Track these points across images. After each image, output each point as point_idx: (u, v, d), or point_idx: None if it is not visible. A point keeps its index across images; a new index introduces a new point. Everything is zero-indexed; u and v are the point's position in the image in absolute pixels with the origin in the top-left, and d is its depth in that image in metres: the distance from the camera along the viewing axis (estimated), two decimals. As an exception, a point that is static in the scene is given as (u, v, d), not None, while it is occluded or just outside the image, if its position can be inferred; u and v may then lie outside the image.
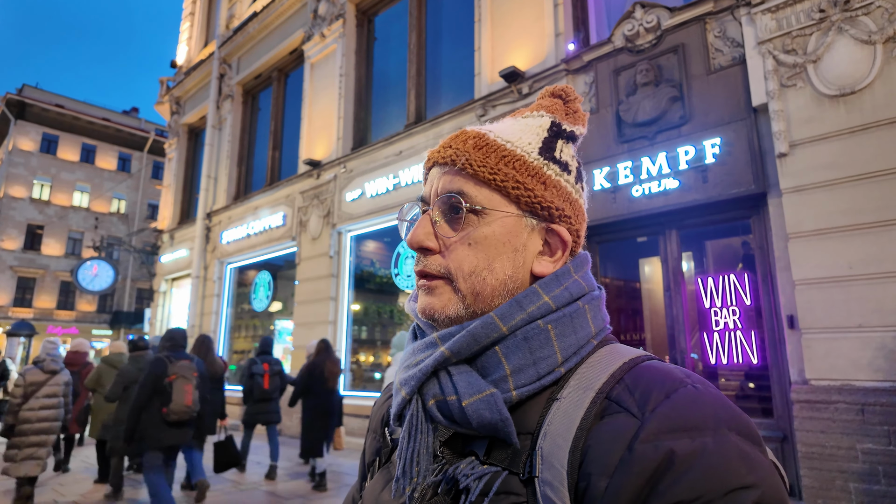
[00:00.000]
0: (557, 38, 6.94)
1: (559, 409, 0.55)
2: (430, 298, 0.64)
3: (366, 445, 0.80)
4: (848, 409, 4.29)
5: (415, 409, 0.60)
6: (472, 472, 0.55)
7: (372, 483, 0.70)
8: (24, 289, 29.03)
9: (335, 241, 9.51)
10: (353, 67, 10.21)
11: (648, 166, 5.71)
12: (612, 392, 0.54)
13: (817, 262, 4.61)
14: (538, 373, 0.58)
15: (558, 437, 0.53)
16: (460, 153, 0.65)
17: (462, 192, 0.63)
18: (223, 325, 12.31)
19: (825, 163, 4.68)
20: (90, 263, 16.13)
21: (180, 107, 15.62)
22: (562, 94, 0.72)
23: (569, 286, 0.64)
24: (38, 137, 30.27)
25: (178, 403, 4.26)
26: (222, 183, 12.88)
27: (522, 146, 0.66)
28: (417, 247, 0.64)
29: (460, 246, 0.63)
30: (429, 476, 0.58)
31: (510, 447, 0.56)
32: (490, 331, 0.59)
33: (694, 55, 5.66)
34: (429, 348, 0.62)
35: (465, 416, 0.56)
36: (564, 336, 0.60)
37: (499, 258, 0.63)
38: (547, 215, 0.65)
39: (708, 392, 0.53)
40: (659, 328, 6.25)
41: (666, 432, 0.49)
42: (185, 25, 16.43)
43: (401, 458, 0.59)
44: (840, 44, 4.73)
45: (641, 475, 0.47)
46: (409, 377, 0.61)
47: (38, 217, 29.75)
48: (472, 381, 0.58)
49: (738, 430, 0.50)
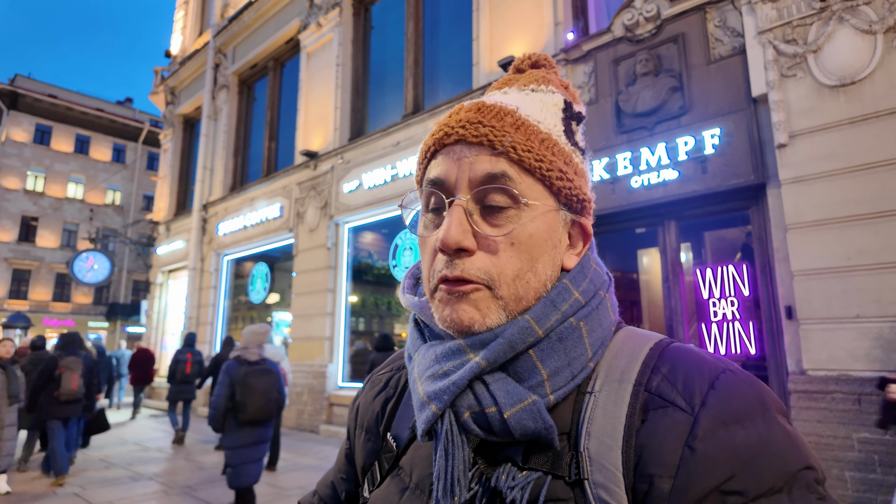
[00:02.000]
0: (556, 28, 6.89)
1: (596, 405, 0.53)
2: (467, 308, 0.55)
3: (353, 442, 0.75)
4: (845, 399, 4.32)
5: (448, 424, 0.54)
6: (515, 481, 0.51)
7: (382, 492, 0.64)
8: (19, 281, 28.89)
9: (333, 233, 9.48)
10: (349, 57, 10.12)
11: (648, 157, 5.70)
12: (651, 384, 0.53)
13: (816, 253, 4.62)
14: (572, 373, 0.55)
15: (605, 436, 0.51)
16: (498, 133, 0.56)
17: (507, 181, 0.55)
18: (220, 317, 12.29)
19: (825, 153, 4.67)
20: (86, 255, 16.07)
21: (175, 97, 15.49)
22: (545, 62, 0.68)
23: (592, 278, 0.60)
24: (31, 128, 29.99)
25: (66, 388, 5.87)
26: (218, 174, 12.81)
27: (550, 128, 0.60)
28: (455, 248, 0.55)
29: (504, 247, 0.55)
30: (465, 491, 0.54)
31: (550, 449, 0.52)
32: (527, 335, 0.54)
33: (694, 45, 5.63)
34: (456, 356, 0.56)
35: (506, 428, 0.52)
36: (593, 331, 0.57)
37: (542, 258, 0.57)
38: (580, 208, 0.61)
39: (743, 375, 0.53)
40: (657, 319, 6.26)
41: (721, 426, 0.48)
42: (179, 14, 16.25)
43: (439, 478, 0.54)
44: (841, 33, 4.71)
45: (709, 475, 0.46)
46: (440, 391, 0.54)
47: (33, 209, 29.54)
48: (510, 390, 0.53)
49: (778, 408, 0.51)
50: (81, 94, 34.01)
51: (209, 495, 5.43)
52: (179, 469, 6.64)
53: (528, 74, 0.66)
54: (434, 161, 0.60)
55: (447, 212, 0.56)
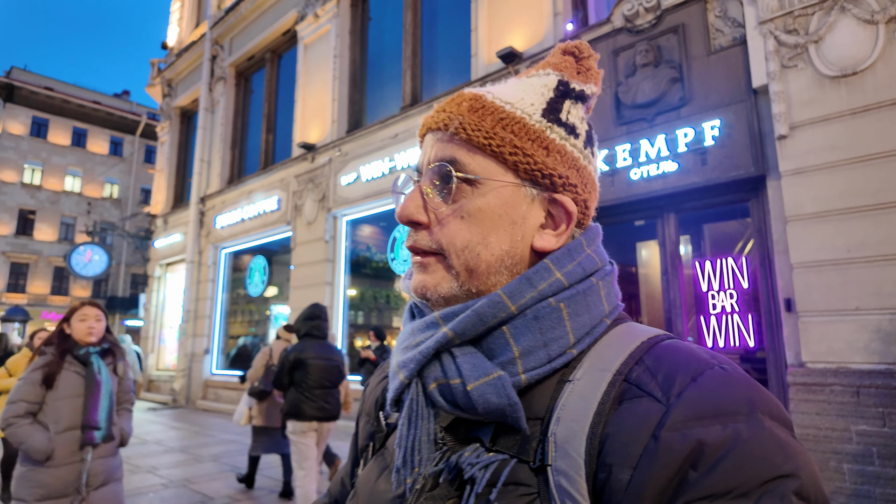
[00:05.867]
0: (556, 18, 6.83)
1: (573, 392, 0.51)
2: (423, 276, 0.60)
3: (358, 428, 0.76)
4: (843, 392, 4.31)
5: (414, 394, 0.55)
6: (478, 460, 0.50)
7: (366, 471, 0.66)
8: (17, 274, 28.83)
9: (331, 226, 9.44)
10: (347, 48, 10.04)
11: (647, 149, 5.66)
12: (632, 374, 0.50)
13: (816, 245, 4.60)
14: (549, 355, 0.53)
15: (573, 422, 0.49)
16: (453, 117, 0.60)
17: (454, 160, 0.58)
18: (218, 311, 12.27)
19: (825, 145, 4.64)
20: (83, 248, 16.01)
21: (172, 89, 15.39)
22: (574, 50, 0.67)
23: (582, 261, 0.59)
24: (27, 121, 29.82)
25: None
26: (216, 167, 12.74)
27: (524, 108, 0.60)
28: (407, 220, 0.60)
29: (453, 219, 0.58)
30: (430, 465, 0.54)
31: (519, 433, 0.51)
32: (497, 310, 0.54)
33: (694, 35, 5.58)
34: (430, 328, 0.57)
35: (469, 401, 0.52)
36: (577, 315, 0.55)
37: (494, 232, 0.58)
38: (549, 184, 0.59)
39: (737, 373, 0.49)
40: (656, 312, 6.25)
41: (695, 419, 0.45)
42: (175, 6, 16.11)
43: (400, 446, 0.55)
44: (842, 24, 4.66)
45: (669, 467, 0.43)
46: (409, 359, 0.56)
47: (30, 202, 29.43)
48: (477, 364, 0.53)
49: (772, 413, 0.47)
50: (78, 87, 33.76)
51: (207, 489, 5.43)
52: (178, 462, 6.64)
53: (545, 61, 0.68)
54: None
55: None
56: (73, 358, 2.80)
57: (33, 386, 2.68)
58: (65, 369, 2.75)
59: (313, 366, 4.22)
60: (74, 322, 2.86)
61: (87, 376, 2.78)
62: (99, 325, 2.89)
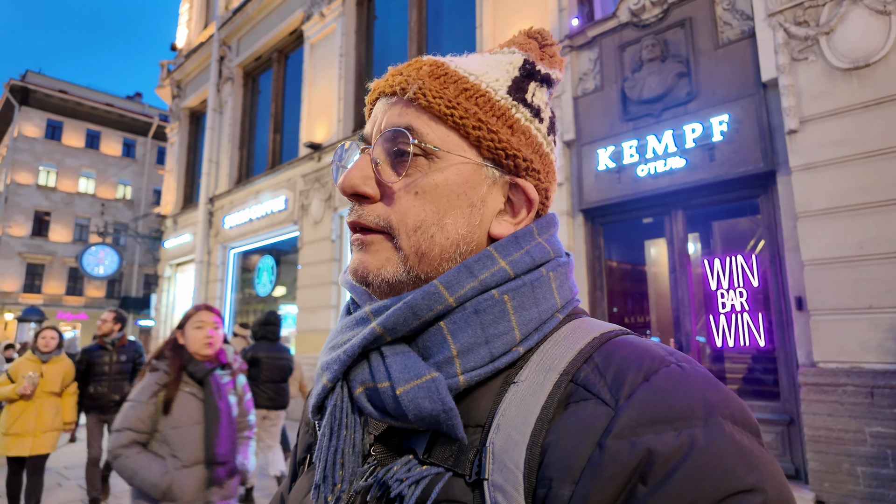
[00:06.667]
0: (561, 14, 6.74)
1: (515, 395, 0.45)
2: (365, 256, 0.53)
3: (298, 439, 0.69)
4: (856, 392, 4.20)
5: (338, 400, 0.49)
6: (408, 475, 0.45)
7: (298, 484, 0.60)
8: (32, 275, 29.26)
9: (337, 225, 9.43)
10: (352, 47, 10.03)
11: (654, 145, 5.57)
12: (579, 374, 0.45)
13: (827, 242, 4.49)
14: (491, 353, 0.48)
15: (513, 430, 0.43)
16: (412, 81, 0.54)
17: (411, 128, 0.52)
18: (228, 310, 12.32)
19: (837, 139, 4.52)
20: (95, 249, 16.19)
21: (181, 90, 15.49)
22: (537, 36, 0.62)
23: (530, 250, 0.53)
24: (42, 124, 30.24)
25: None
26: (224, 167, 12.80)
27: (489, 81, 0.55)
28: (351, 192, 0.53)
29: (405, 194, 0.52)
30: (357, 480, 0.48)
31: (455, 443, 0.46)
32: (433, 302, 0.48)
33: (701, 29, 5.47)
34: (359, 325, 0.51)
35: (399, 407, 0.46)
36: (524, 309, 0.49)
37: (451, 213, 0.52)
38: (512, 166, 0.54)
39: (696, 371, 0.44)
40: (664, 311, 6.15)
41: (645, 424, 0.39)
42: (184, 7, 16.22)
43: (319, 459, 0.49)
44: (854, 14, 4.54)
45: (614, 480, 0.38)
46: (332, 360, 0.50)
47: (45, 203, 29.85)
48: (409, 364, 0.47)
49: (734, 417, 0.41)
50: (92, 90, 34.15)
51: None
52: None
53: (509, 40, 0.64)
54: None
55: None
56: (189, 376, 2.30)
57: (144, 411, 2.18)
58: (179, 390, 2.26)
59: (266, 363, 4.92)
60: (189, 330, 2.35)
61: (206, 399, 2.28)
62: (217, 335, 2.39)
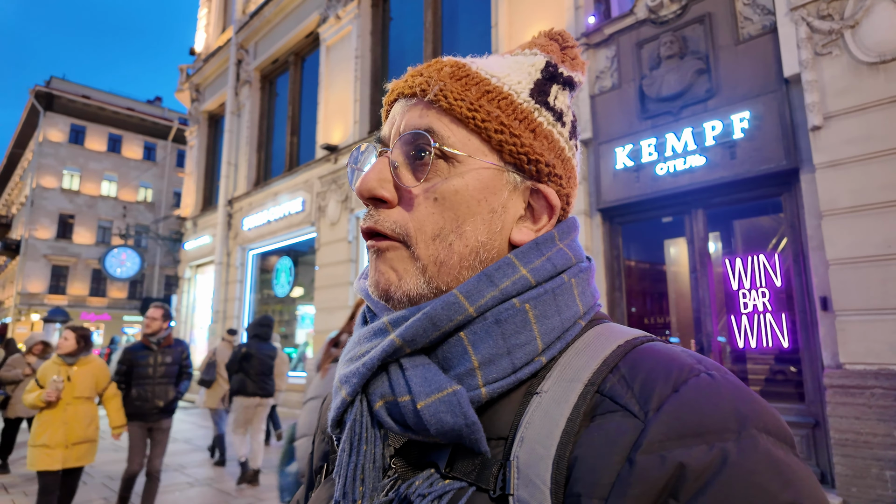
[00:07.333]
0: (577, 12, 6.68)
1: (539, 406, 0.44)
2: (383, 268, 0.51)
3: (314, 447, 0.69)
4: (885, 395, 4.09)
5: (358, 414, 0.48)
6: (431, 490, 0.43)
7: (316, 495, 0.59)
8: (58, 276, 29.96)
9: (353, 227, 9.47)
10: (368, 49, 10.07)
11: (673, 143, 5.49)
12: (605, 384, 0.43)
13: (852, 241, 4.38)
14: (513, 364, 0.46)
15: (538, 444, 0.42)
16: (433, 82, 0.52)
17: (431, 130, 0.51)
18: (247, 311, 12.45)
19: (862, 135, 4.41)
20: (117, 251, 16.48)
21: (200, 94, 15.70)
22: (559, 38, 0.61)
23: (552, 256, 0.51)
24: (66, 128, 30.94)
25: None
26: (242, 169, 12.94)
27: (511, 84, 0.54)
28: (368, 196, 0.51)
29: (424, 200, 0.50)
30: (378, 495, 0.47)
31: (479, 456, 0.44)
32: (453, 312, 0.46)
33: (721, 25, 5.38)
34: (377, 336, 0.50)
35: (420, 422, 0.45)
36: (546, 318, 0.48)
37: (471, 220, 0.50)
38: (534, 171, 0.53)
39: (726, 381, 0.42)
40: (685, 311, 6.07)
41: (676, 438, 0.38)
42: (202, 12, 16.44)
43: (339, 475, 0.48)
44: (880, 6, 4.43)
45: (645, 497, 0.37)
46: (351, 373, 0.49)
47: (69, 206, 30.53)
48: (429, 377, 0.46)
49: (768, 429, 0.40)
50: (113, 94, 34.83)
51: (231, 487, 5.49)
52: (204, 461, 6.74)
53: (529, 41, 0.62)
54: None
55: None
56: None
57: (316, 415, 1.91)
58: None
59: (256, 358, 5.86)
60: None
61: None
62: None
